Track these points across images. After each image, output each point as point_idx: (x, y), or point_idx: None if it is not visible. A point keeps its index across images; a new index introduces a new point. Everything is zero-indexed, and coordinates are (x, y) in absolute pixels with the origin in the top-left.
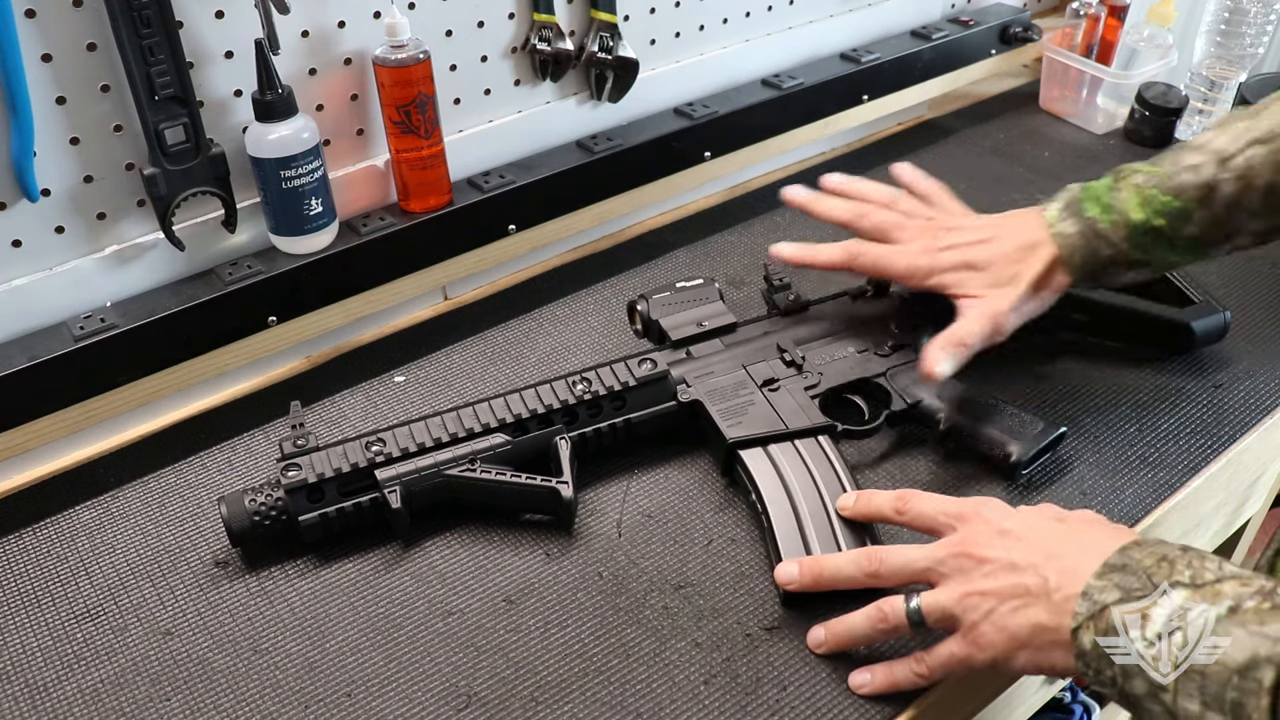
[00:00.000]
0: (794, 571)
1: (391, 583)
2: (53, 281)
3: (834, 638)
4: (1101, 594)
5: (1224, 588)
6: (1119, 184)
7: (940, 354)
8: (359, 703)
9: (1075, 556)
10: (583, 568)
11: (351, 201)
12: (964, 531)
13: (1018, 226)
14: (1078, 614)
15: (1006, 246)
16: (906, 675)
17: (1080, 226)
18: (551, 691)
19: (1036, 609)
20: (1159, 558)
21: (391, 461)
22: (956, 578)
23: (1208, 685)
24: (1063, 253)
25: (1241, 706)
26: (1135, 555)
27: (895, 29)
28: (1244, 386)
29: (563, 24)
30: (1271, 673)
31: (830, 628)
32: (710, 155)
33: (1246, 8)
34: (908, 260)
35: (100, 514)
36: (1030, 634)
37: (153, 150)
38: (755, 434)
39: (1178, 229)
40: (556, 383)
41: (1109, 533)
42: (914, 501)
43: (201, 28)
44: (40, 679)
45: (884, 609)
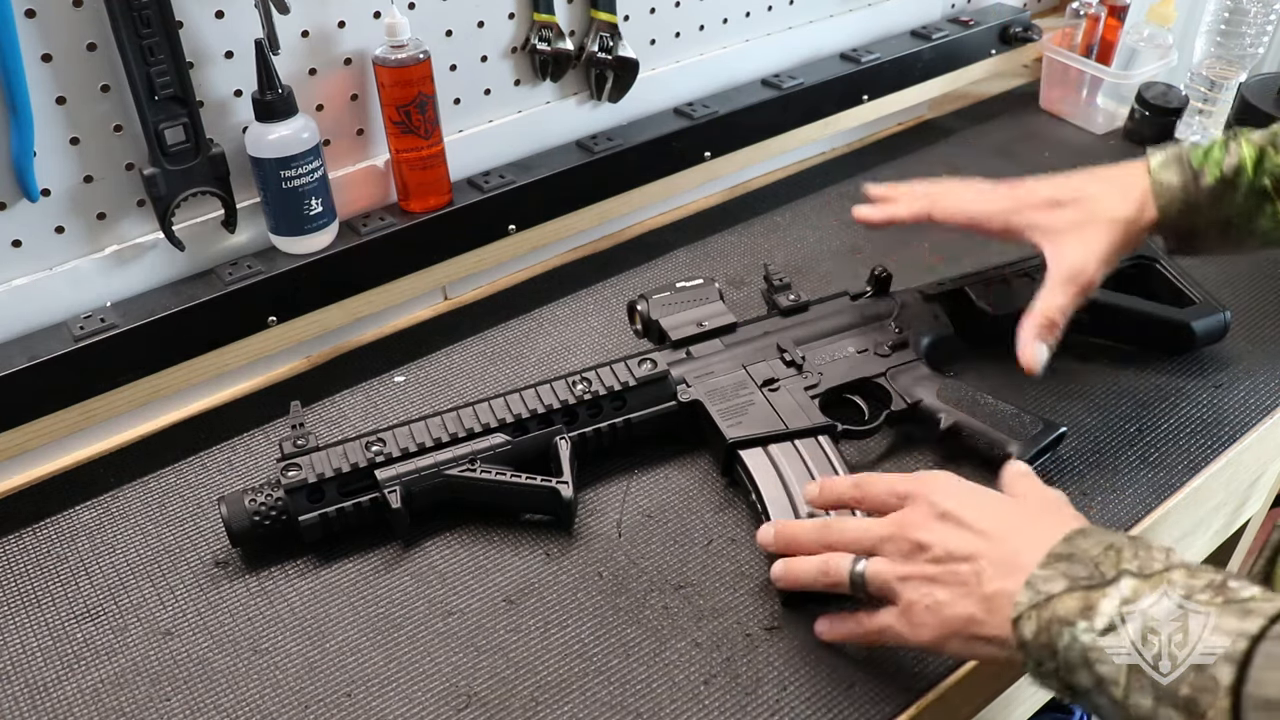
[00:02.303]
0: (770, 534)
1: (391, 583)
2: (53, 281)
3: (786, 576)
4: (1046, 584)
5: (1173, 576)
6: (1233, 141)
7: (1033, 345)
8: (359, 703)
9: (1016, 545)
10: (583, 568)
11: (351, 201)
12: (905, 513)
13: (1113, 171)
14: (1019, 604)
15: (1096, 186)
16: (849, 628)
17: (1183, 179)
18: (551, 691)
19: (969, 601)
20: (1105, 545)
21: (391, 461)
22: (898, 558)
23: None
24: (1159, 200)
25: (1195, 703)
26: (1081, 544)
27: (895, 29)
28: (1244, 386)
29: (563, 24)
30: (1229, 670)
31: (788, 566)
32: (710, 155)
33: (1246, 8)
34: (987, 201)
35: (100, 514)
36: (963, 624)
37: (153, 150)
38: (755, 434)
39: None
40: (556, 383)
41: (1055, 520)
42: (868, 485)
43: (201, 28)
44: (40, 679)
45: (830, 563)
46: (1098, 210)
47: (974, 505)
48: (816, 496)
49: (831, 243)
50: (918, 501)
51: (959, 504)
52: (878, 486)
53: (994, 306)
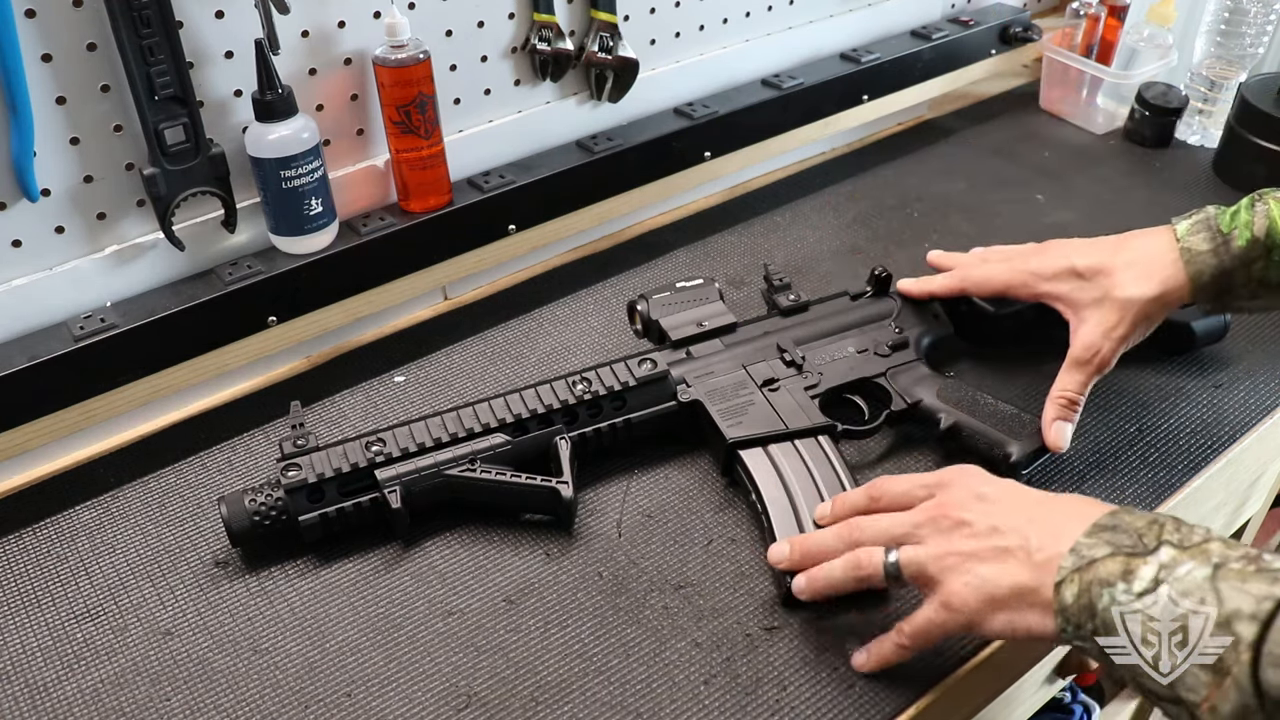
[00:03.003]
0: (785, 550)
1: (391, 583)
2: (53, 281)
3: (812, 584)
4: (1090, 550)
5: (1210, 547)
6: (1260, 202)
7: (1057, 427)
8: (359, 703)
9: (1059, 520)
10: (583, 568)
11: (351, 201)
12: (942, 496)
13: (1139, 237)
14: (1062, 568)
15: (1120, 258)
16: (890, 648)
17: (1213, 244)
18: (551, 691)
19: (1016, 569)
20: (1149, 520)
21: (391, 461)
22: (935, 538)
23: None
24: (1189, 269)
25: (1222, 660)
26: (1125, 519)
27: (895, 29)
28: (1244, 386)
29: (563, 24)
30: (1253, 628)
31: (809, 574)
32: (710, 155)
33: (1246, 8)
34: (1009, 272)
35: (100, 514)
36: (1008, 594)
37: (153, 150)
38: (755, 434)
39: None
40: (556, 383)
41: (1091, 502)
42: (886, 484)
43: (201, 28)
44: (40, 679)
45: (861, 557)
46: (1116, 288)
47: (1010, 489)
48: (829, 514)
49: (831, 243)
50: (953, 486)
51: (996, 489)
52: (900, 484)
53: (994, 306)
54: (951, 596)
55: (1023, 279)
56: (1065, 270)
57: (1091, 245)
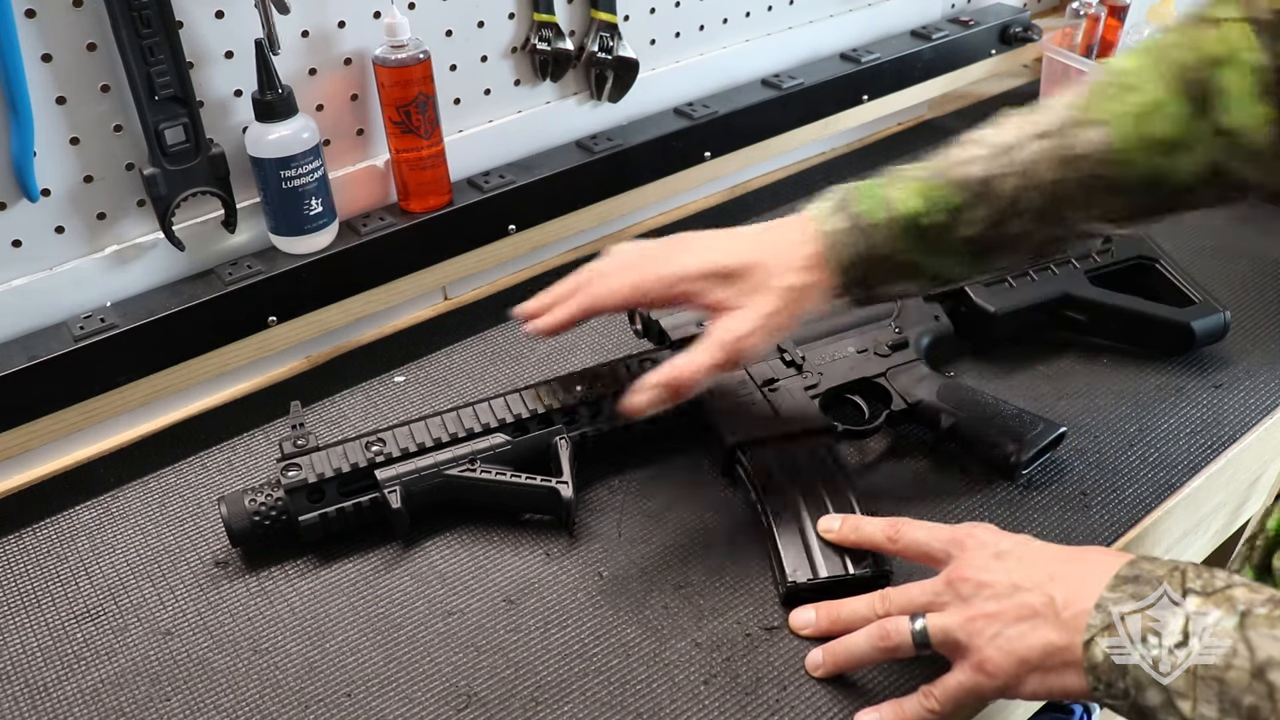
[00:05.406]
0: (810, 617)
1: (391, 583)
2: (53, 281)
3: (832, 659)
4: (1116, 605)
5: (1235, 594)
6: (893, 181)
7: (640, 394)
8: (359, 703)
9: (1081, 573)
10: (583, 568)
11: (351, 201)
12: (961, 558)
13: (780, 226)
14: (1090, 626)
15: (761, 248)
16: (916, 710)
17: (850, 223)
18: (551, 691)
19: (1045, 629)
20: (1171, 568)
21: (391, 461)
22: (959, 604)
23: (1226, 691)
24: (828, 251)
25: (1257, 710)
26: (1146, 567)
27: (895, 29)
28: (1244, 386)
29: (563, 24)
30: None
31: (829, 649)
32: (710, 155)
33: None
34: (640, 279)
35: (100, 514)
36: (1041, 655)
37: (153, 150)
38: (755, 434)
39: (953, 228)
40: (556, 383)
41: (1109, 553)
42: (905, 529)
43: (201, 28)
44: (40, 679)
45: (887, 628)
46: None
47: (1026, 544)
48: (836, 532)
49: None
50: (969, 546)
51: (1012, 544)
52: (919, 532)
53: (994, 306)
54: (984, 661)
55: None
56: (709, 271)
57: (732, 238)
